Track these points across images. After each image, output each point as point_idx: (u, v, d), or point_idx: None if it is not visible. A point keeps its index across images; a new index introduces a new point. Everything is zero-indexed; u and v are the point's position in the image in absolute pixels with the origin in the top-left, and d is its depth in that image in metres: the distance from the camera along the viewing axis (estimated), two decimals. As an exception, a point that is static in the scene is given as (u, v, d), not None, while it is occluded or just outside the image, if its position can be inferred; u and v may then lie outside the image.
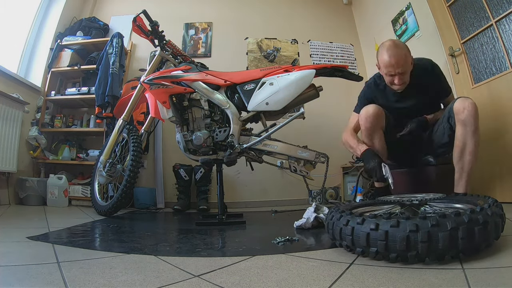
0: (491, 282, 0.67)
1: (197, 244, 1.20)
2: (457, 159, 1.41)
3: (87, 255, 1.01)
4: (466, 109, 1.34)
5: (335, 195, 2.84)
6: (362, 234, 0.85)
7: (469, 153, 1.36)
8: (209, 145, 1.81)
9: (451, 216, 0.79)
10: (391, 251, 0.80)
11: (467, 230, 0.77)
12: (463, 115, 1.35)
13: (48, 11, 3.07)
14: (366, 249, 0.85)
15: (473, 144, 1.35)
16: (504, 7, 1.82)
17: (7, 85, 2.49)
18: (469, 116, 1.34)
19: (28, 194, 2.44)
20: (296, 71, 1.73)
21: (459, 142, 1.38)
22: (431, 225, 0.77)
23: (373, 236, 0.83)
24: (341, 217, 0.95)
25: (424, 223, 0.78)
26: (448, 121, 1.46)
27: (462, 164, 1.39)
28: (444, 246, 0.76)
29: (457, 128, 1.39)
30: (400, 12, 2.73)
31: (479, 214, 0.81)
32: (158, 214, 2.38)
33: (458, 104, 1.38)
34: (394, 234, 0.79)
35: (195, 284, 0.72)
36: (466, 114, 1.34)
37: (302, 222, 1.43)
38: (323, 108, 2.80)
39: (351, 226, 0.89)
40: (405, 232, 0.78)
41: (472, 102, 1.35)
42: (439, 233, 0.76)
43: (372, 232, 0.83)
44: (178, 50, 2.10)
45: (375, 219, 0.85)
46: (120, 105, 2.23)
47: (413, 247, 0.77)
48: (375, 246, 0.82)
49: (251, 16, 3.46)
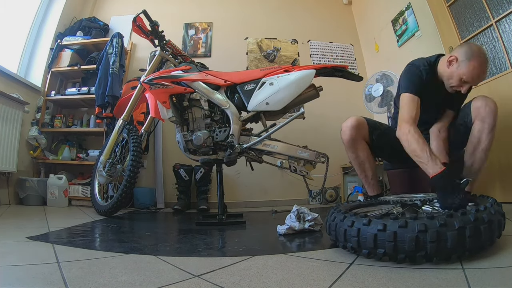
0: (491, 282, 0.67)
1: (197, 244, 1.20)
2: (469, 154, 1.39)
3: (87, 255, 1.01)
4: (488, 106, 1.33)
5: (335, 195, 2.84)
6: (369, 236, 0.83)
7: (482, 150, 1.35)
8: (209, 145, 1.81)
9: (457, 215, 0.80)
10: (399, 252, 0.79)
11: (474, 228, 0.78)
12: (483, 111, 1.34)
13: (48, 11, 3.07)
14: (373, 250, 0.83)
15: (487, 142, 1.34)
16: (504, 7, 1.82)
17: (7, 85, 2.49)
18: (490, 113, 1.33)
19: (28, 194, 2.44)
20: (296, 71, 1.73)
21: (474, 138, 1.37)
22: (439, 224, 0.77)
23: (381, 237, 0.81)
24: (345, 218, 0.93)
25: (432, 223, 0.78)
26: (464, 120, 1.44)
27: (473, 161, 1.38)
28: (452, 245, 0.76)
29: (475, 124, 1.37)
30: (400, 12, 2.73)
31: (484, 213, 0.82)
32: (158, 214, 2.38)
33: (480, 101, 1.37)
34: (402, 235, 0.78)
35: (195, 284, 0.72)
36: (487, 111, 1.33)
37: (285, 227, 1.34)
38: (323, 108, 2.80)
39: (357, 227, 0.87)
40: (414, 233, 0.77)
41: (494, 101, 1.35)
42: (447, 233, 0.76)
43: (379, 233, 0.81)
44: (178, 50, 2.10)
45: (382, 219, 0.83)
46: (120, 105, 2.23)
47: (422, 247, 0.77)
48: (383, 247, 0.81)
49: (251, 16, 3.46)
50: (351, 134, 1.51)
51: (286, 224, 1.35)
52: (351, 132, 1.51)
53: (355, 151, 1.54)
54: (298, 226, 1.32)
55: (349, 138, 1.52)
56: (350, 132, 1.51)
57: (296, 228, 1.32)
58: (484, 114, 1.34)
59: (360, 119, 1.54)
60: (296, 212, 1.37)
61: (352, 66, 3.37)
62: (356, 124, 1.51)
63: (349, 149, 1.56)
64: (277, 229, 1.36)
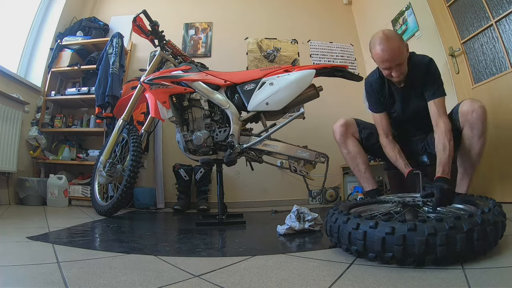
0: (491, 282, 0.67)
1: (197, 244, 1.20)
2: (461, 160, 1.40)
3: (87, 255, 1.01)
4: (475, 112, 1.31)
5: (335, 195, 2.85)
6: (377, 239, 0.80)
7: (474, 155, 1.35)
8: (209, 145, 1.81)
9: (465, 217, 0.79)
10: (408, 256, 0.77)
11: (482, 231, 0.78)
12: (471, 118, 1.32)
13: (48, 11, 3.07)
14: (381, 254, 0.81)
15: (479, 147, 1.34)
16: (504, 7, 1.82)
17: (7, 85, 2.49)
18: (477, 119, 1.31)
19: (28, 194, 2.45)
20: (296, 71, 1.73)
21: (464, 144, 1.37)
22: (448, 227, 0.76)
23: (389, 241, 0.78)
24: (349, 220, 0.90)
25: (441, 226, 0.77)
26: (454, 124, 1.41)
27: (466, 166, 1.39)
28: (461, 248, 0.75)
29: (464, 130, 1.36)
30: (400, 12, 2.73)
31: (489, 214, 0.82)
32: (158, 214, 2.38)
33: (467, 106, 1.35)
34: (412, 238, 0.76)
35: (195, 284, 0.72)
36: (474, 117, 1.31)
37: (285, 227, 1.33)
38: (323, 108, 2.79)
39: (362, 230, 0.84)
40: (423, 236, 0.76)
41: (482, 105, 1.32)
42: (456, 235, 0.75)
43: (388, 236, 0.79)
44: (178, 50, 2.10)
45: (390, 222, 0.81)
46: (120, 105, 2.23)
47: (432, 251, 0.75)
48: (391, 251, 0.78)
49: (251, 16, 3.46)
50: (340, 131, 1.64)
51: (286, 224, 1.35)
52: (341, 129, 1.64)
53: (346, 146, 1.64)
54: (298, 226, 1.32)
55: (339, 135, 1.64)
56: (340, 129, 1.64)
57: (296, 228, 1.31)
58: (472, 121, 1.33)
59: (349, 119, 1.66)
60: (296, 212, 1.36)
61: (352, 66, 3.37)
62: (345, 123, 1.64)
63: (341, 145, 1.66)
64: (277, 229, 1.36)
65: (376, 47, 1.37)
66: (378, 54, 1.37)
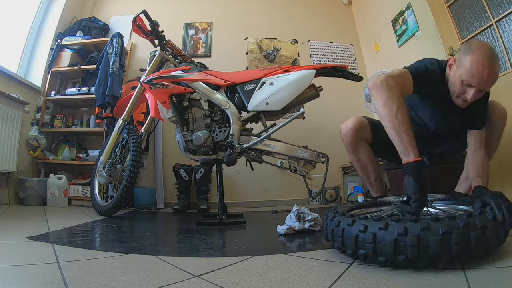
0: (491, 282, 0.67)
1: (197, 244, 1.20)
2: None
3: (87, 255, 1.01)
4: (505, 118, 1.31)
5: (335, 195, 2.85)
6: (389, 240, 0.75)
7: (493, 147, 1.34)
8: (209, 145, 1.81)
9: (476, 215, 0.79)
10: (422, 257, 0.73)
11: (494, 228, 0.78)
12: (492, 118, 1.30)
13: (48, 11, 3.07)
14: (392, 257, 0.76)
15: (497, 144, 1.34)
16: (504, 7, 1.82)
17: (7, 85, 2.49)
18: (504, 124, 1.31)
19: (28, 194, 2.44)
20: (296, 71, 1.73)
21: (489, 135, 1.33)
22: (462, 225, 0.74)
23: (402, 242, 0.74)
24: (354, 223, 0.84)
25: (455, 224, 0.74)
26: None
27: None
28: (476, 245, 0.74)
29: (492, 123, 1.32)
30: (400, 12, 2.73)
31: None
32: (158, 214, 2.38)
33: (503, 108, 1.34)
34: (426, 238, 0.73)
35: (195, 284, 0.72)
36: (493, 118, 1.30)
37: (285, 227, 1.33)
38: (323, 108, 2.80)
39: (371, 232, 0.79)
40: (438, 235, 0.72)
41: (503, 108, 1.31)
42: (470, 233, 0.74)
43: (400, 237, 0.74)
44: (178, 50, 2.10)
45: (402, 222, 0.77)
46: (120, 105, 2.23)
47: (447, 251, 0.72)
48: (404, 253, 0.74)
49: (251, 16, 3.46)
50: (352, 136, 1.41)
51: (286, 224, 1.35)
52: (352, 134, 1.41)
53: (356, 153, 1.45)
54: (298, 226, 1.32)
55: (350, 141, 1.42)
56: (351, 134, 1.41)
57: (296, 228, 1.32)
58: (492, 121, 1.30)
59: (361, 120, 1.44)
60: (296, 212, 1.36)
61: (352, 66, 3.37)
62: (357, 126, 1.41)
63: (350, 151, 1.47)
64: (277, 229, 1.36)
65: (479, 59, 1.09)
66: (478, 65, 1.08)
